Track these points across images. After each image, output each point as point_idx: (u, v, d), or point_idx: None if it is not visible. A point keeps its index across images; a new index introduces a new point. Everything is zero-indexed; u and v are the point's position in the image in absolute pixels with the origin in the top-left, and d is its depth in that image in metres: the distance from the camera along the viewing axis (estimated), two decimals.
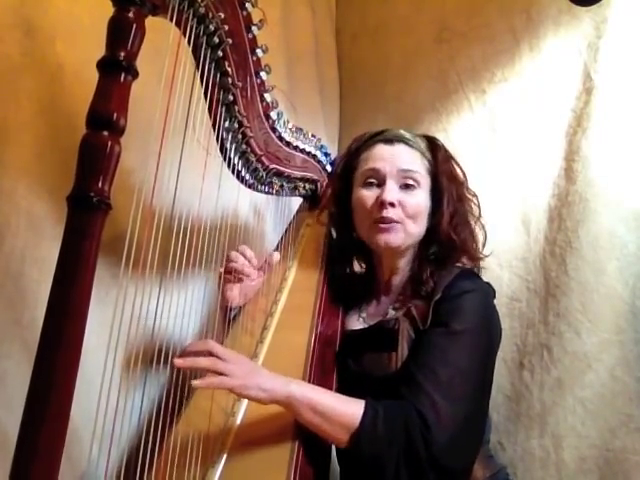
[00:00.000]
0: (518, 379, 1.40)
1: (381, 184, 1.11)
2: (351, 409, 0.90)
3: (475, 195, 1.18)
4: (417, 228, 1.11)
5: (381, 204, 1.08)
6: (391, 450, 0.87)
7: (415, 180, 1.11)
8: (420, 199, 1.11)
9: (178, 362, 0.86)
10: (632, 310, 1.29)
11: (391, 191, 1.09)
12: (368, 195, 1.12)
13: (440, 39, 1.76)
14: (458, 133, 1.67)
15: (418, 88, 1.79)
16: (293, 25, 1.79)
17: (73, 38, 1.02)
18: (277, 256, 1.26)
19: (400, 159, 1.11)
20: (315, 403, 0.89)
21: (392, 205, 1.08)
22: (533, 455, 1.34)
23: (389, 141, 1.14)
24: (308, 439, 0.92)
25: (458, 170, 1.17)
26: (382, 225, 1.09)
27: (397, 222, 1.09)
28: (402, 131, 1.16)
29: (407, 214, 1.09)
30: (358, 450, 0.88)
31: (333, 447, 0.99)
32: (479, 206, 1.17)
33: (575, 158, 1.41)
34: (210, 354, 0.89)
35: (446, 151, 1.17)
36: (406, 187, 1.11)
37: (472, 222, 1.15)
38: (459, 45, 1.71)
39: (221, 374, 0.87)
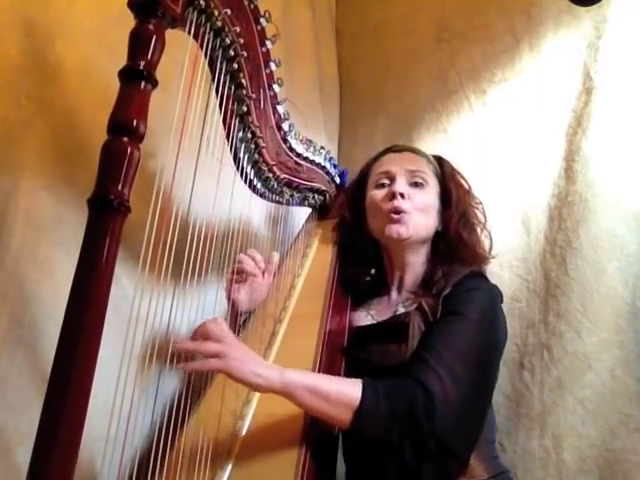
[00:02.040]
0: (518, 379, 1.40)
1: (392, 182, 1.20)
2: (350, 388, 0.92)
3: (480, 203, 1.24)
4: (425, 221, 1.18)
5: (392, 195, 1.17)
6: (394, 424, 0.89)
7: (423, 179, 1.20)
8: (428, 197, 1.20)
9: (179, 346, 0.88)
10: (632, 310, 1.29)
11: (401, 184, 1.18)
12: (380, 192, 1.21)
13: (440, 39, 1.76)
14: (458, 133, 1.67)
15: (418, 88, 1.79)
16: (293, 25, 1.78)
17: (73, 38, 1.02)
18: (276, 255, 1.29)
19: (408, 161, 1.22)
20: (314, 386, 0.90)
21: (402, 196, 1.16)
22: (533, 455, 1.33)
23: (397, 150, 1.26)
24: (315, 444, 0.92)
25: (463, 181, 1.25)
26: (394, 216, 1.16)
27: (406, 212, 1.15)
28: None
29: (416, 206, 1.17)
30: (362, 428, 0.89)
31: (338, 448, 1.00)
32: (485, 214, 1.23)
33: (575, 158, 1.41)
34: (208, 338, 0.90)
35: (452, 166, 1.26)
36: (415, 185, 1.19)
37: (478, 229, 1.22)
38: (459, 45, 1.71)
39: (214, 356, 0.87)
